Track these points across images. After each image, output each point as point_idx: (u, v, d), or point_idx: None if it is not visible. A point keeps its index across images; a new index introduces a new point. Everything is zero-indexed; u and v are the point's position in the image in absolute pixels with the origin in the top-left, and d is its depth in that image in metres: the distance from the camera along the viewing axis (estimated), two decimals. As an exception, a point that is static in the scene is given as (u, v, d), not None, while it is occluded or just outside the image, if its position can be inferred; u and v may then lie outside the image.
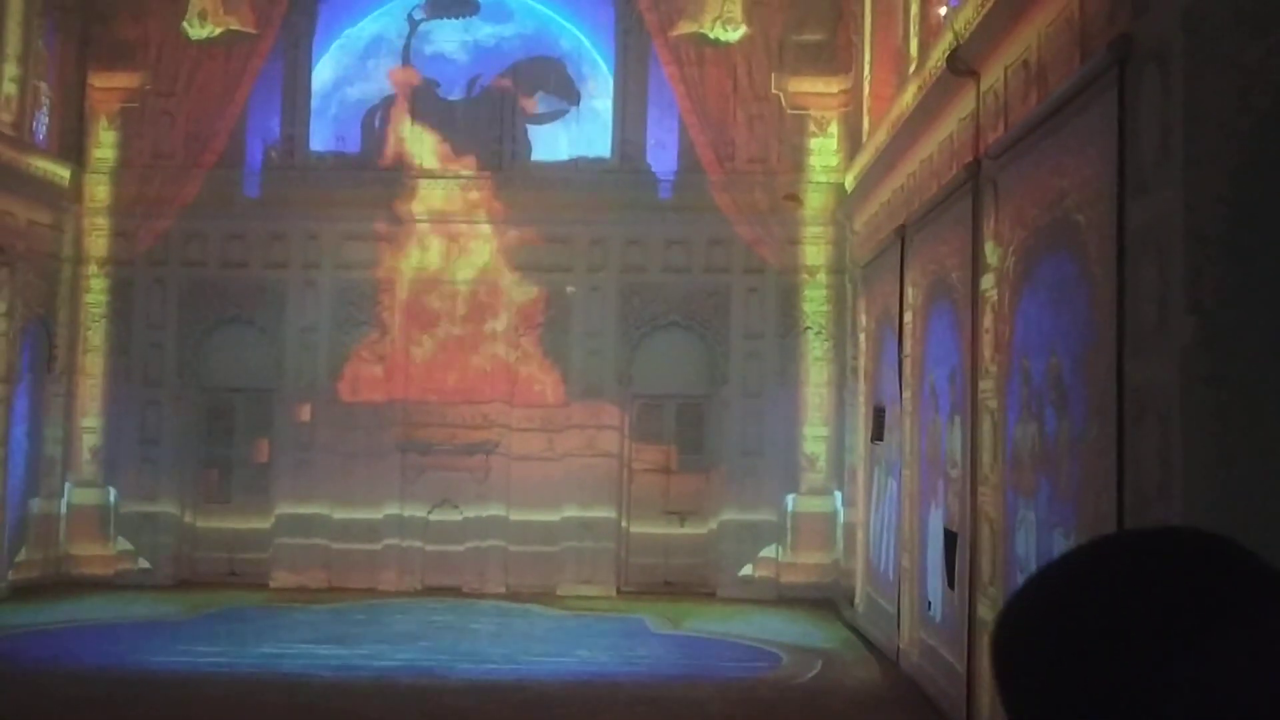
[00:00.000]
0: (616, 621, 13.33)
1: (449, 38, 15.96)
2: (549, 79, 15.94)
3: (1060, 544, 6.91)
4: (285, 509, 15.15)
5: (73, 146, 15.30)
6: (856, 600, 13.50)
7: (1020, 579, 7.64)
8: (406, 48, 15.98)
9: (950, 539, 9.29)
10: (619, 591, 14.93)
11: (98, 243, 15.41)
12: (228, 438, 15.59)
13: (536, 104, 15.92)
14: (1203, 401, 5.32)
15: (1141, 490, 5.67)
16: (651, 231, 15.32)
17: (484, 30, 15.93)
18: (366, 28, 16.00)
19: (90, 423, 15.26)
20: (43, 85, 14.89)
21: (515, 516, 15.13)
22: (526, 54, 15.90)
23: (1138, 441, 5.73)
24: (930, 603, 10.06)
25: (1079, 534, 6.62)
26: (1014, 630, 0.98)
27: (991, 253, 8.43)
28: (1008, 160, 8.10)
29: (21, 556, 14.40)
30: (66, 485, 15.16)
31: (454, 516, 15.23)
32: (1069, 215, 6.95)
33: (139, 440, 15.24)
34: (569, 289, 15.23)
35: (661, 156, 15.57)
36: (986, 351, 8.48)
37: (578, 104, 15.90)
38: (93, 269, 15.39)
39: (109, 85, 15.41)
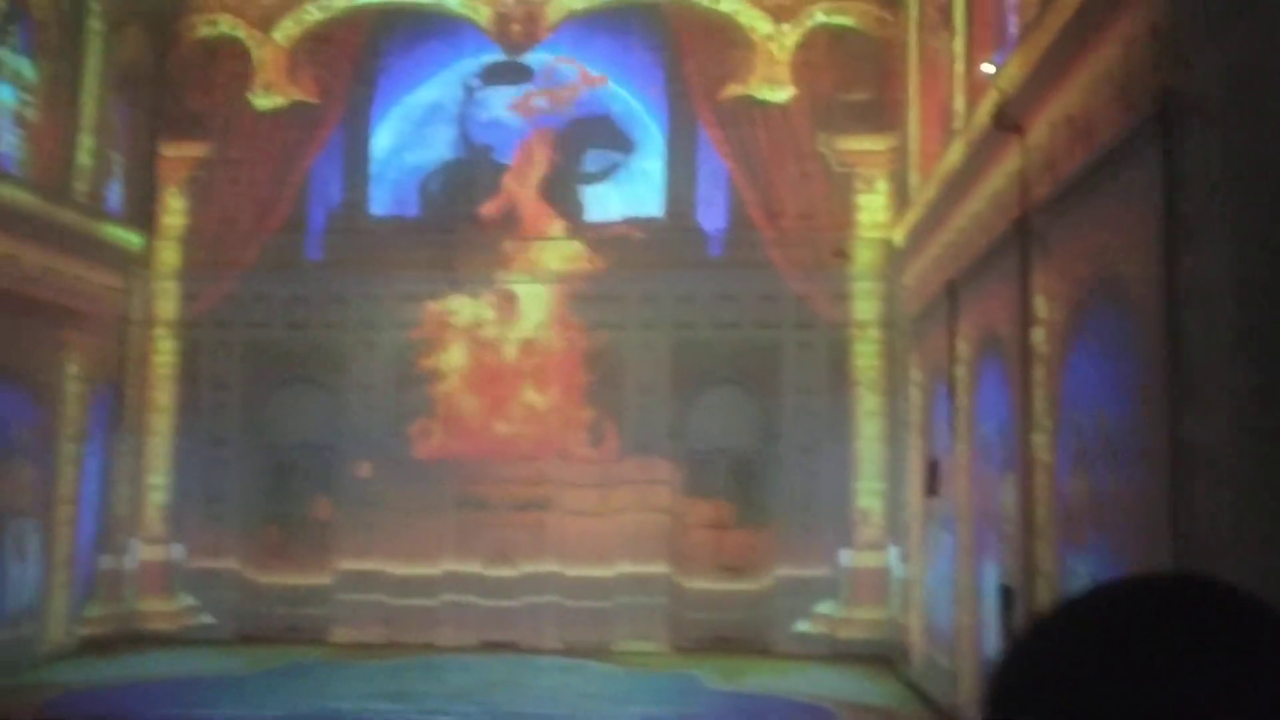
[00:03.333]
0: (671, 678, 13.30)
1: (503, 104, 16.40)
2: (599, 135, 16.29)
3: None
4: (345, 565, 15.38)
5: (143, 213, 15.88)
6: (914, 656, 13.36)
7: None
8: (463, 115, 16.44)
9: (1006, 594, 9.23)
10: (673, 647, 14.91)
11: (166, 306, 15.92)
12: (290, 495, 15.89)
13: (588, 162, 16.27)
14: (1256, 454, 5.30)
15: (1196, 544, 5.65)
16: (702, 288, 15.50)
17: (537, 97, 16.36)
18: (424, 95, 16.50)
19: (157, 480, 15.66)
20: (116, 155, 15.52)
21: (570, 572, 15.21)
22: (578, 114, 16.28)
23: (1191, 495, 5.72)
24: (988, 659, 9.96)
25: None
26: (1012, 679, 0.94)
27: (1041, 307, 8.48)
28: (1055, 215, 8.17)
29: (90, 612, 14.74)
30: (134, 542, 15.52)
31: (510, 572, 15.35)
32: (1116, 269, 7.00)
33: (204, 497, 15.59)
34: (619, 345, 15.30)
35: (711, 214, 15.80)
36: (1038, 405, 8.49)
37: (630, 152, 16.18)
38: (161, 331, 15.88)
39: (178, 154, 16.01)
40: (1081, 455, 7.53)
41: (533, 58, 16.02)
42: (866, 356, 15.19)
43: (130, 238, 15.55)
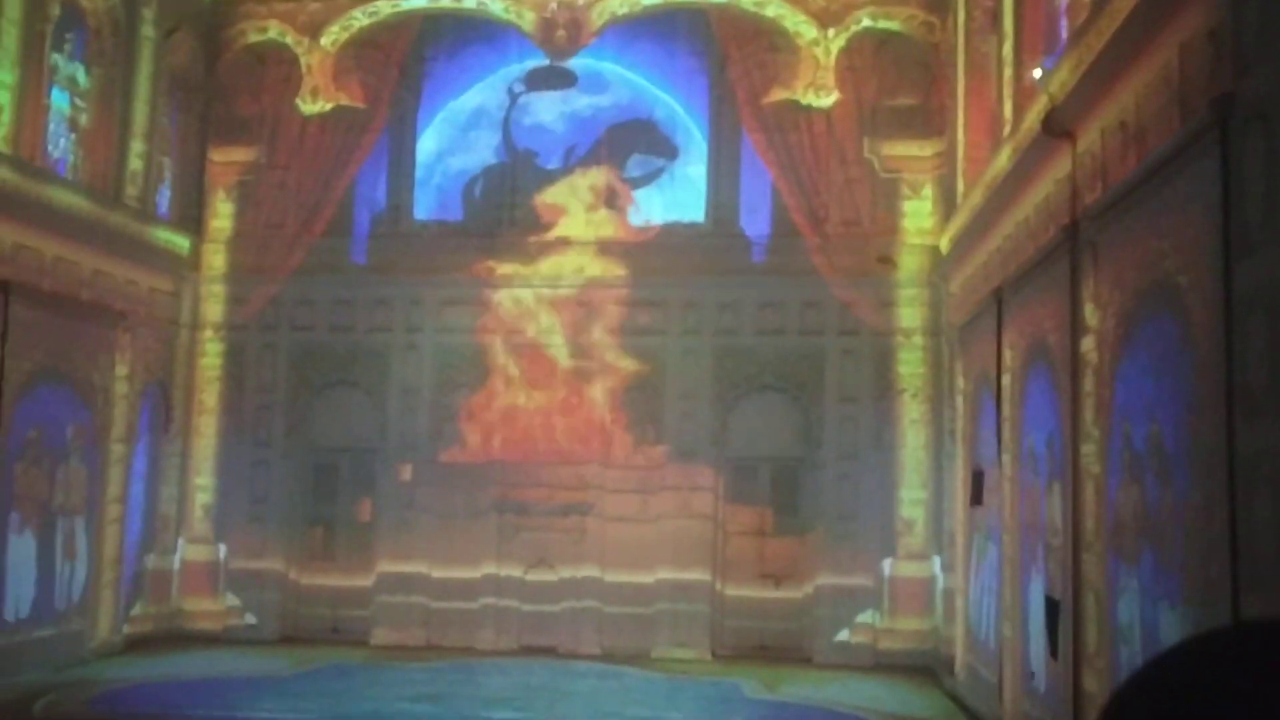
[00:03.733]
0: (711, 686, 13.23)
1: (547, 109, 16.45)
2: (642, 140, 16.29)
3: (1165, 614, 6.72)
4: (386, 567, 15.46)
5: (192, 217, 16.10)
6: (957, 668, 13.18)
7: (1123, 650, 7.44)
8: (507, 119, 16.51)
9: (1052, 607, 9.07)
10: (713, 655, 14.83)
11: (213, 308, 16.11)
12: (332, 497, 16.02)
13: (631, 167, 16.27)
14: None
15: (1257, 560, 5.51)
16: (745, 295, 15.43)
17: (581, 101, 16.39)
18: (468, 100, 16.59)
19: (203, 481, 15.85)
20: (166, 160, 15.75)
21: (610, 578, 15.18)
22: (622, 118, 16.28)
23: (1249, 509, 5.58)
24: (1033, 673, 9.80)
25: (1185, 604, 6.44)
26: (1124, 713, 0.95)
27: (1091, 315, 8.33)
28: (1106, 222, 8.03)
29: (136, 610, 14.95)
30: (180, 542, 15.71)
31: (550, 577, 15.36)
32: (1170, 277, 6.85)
33: (248, 499, 15.76)
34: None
35: (755, 220, 15.73)
36: (1087, 415, 8.34)
37: (674, 158, 16.17)
38: (208, 333, 16.08)
39: (227, 159, 16.22)
40: (1132, 467, 7.38)
41: (577, 63, 16.05)
42: (911, 364, 15.04)
43: (179, 241, 15.77)
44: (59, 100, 13.86)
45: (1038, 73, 10.30)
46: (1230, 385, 5.78)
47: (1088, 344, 8.38)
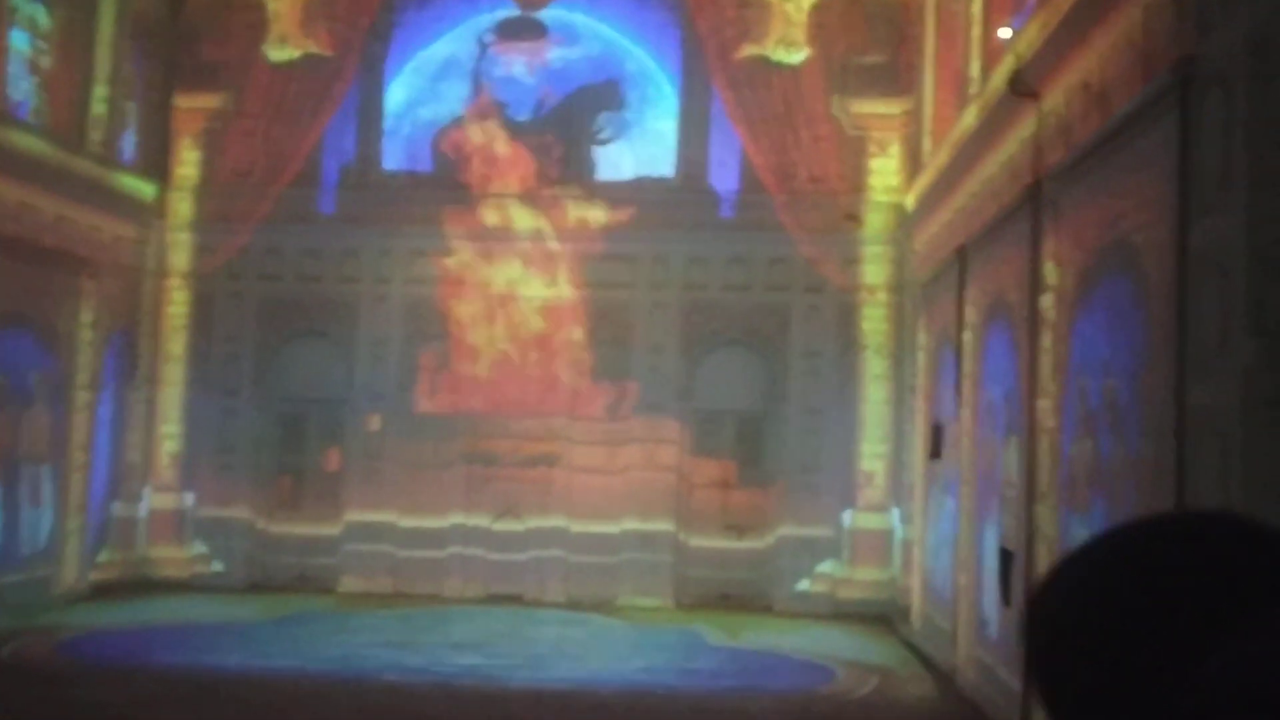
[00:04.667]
0: (674, 633, 13.50)
1: (517, 60, 16.37)
2: (612, 99, 16.27)
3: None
4: (354, 516, 15.57)
5: (157, 164, 15.92)
6: (913, 617, 13.54)
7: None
8: (476, 70, 16.41)
9: (1006, 557, 9.36)
10: (676, 603, 15.11)
11: (179, 257, 16.00)
12: (300, 446, 16.05)
13: (599, 124, 16.26)
14: (1264, 423, 5.36)
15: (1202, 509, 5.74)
16: (713, 250, 15.55)
17: (552, 53, 16.32)
18: (438, 50, 16.46)
19: (170, 430, 15.82)
20: (130, 105, 15.53)
21: (576, 528, 15.39)
22: (592, 76, 16.24)
23: (1198, 463, 5.79)
24: (987, 620, 10.12)
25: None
26: (1052, 603, 0.96)
27: (1051, 273, 8.53)
28: (1068, 181, 8.20)
29: (103, 557, 14.97)
30: (146, 490, 15.71)
31: (516, 527, 15.54)
32: (1128, 237, 7.04)
33: (216, 448, 15.76)
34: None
35: (723, 176, 15.80)
36: (1045, 371, 8.57)
37: (621, 110, 16.08)
38: (174, 282, 15.97)
39: (193, 106, 16.02)
40: (1087, 421, 7.62)
41: (548, 14, 15.95)
42: (874, 320, 15.26)
43: (144, 188, 15.61)
44: (19, 41, 13.62)
45: (1005, 32, 10.42)
46: (1182, 342, 5.98)
47: (1046, 301, 8.59)
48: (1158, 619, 0.90)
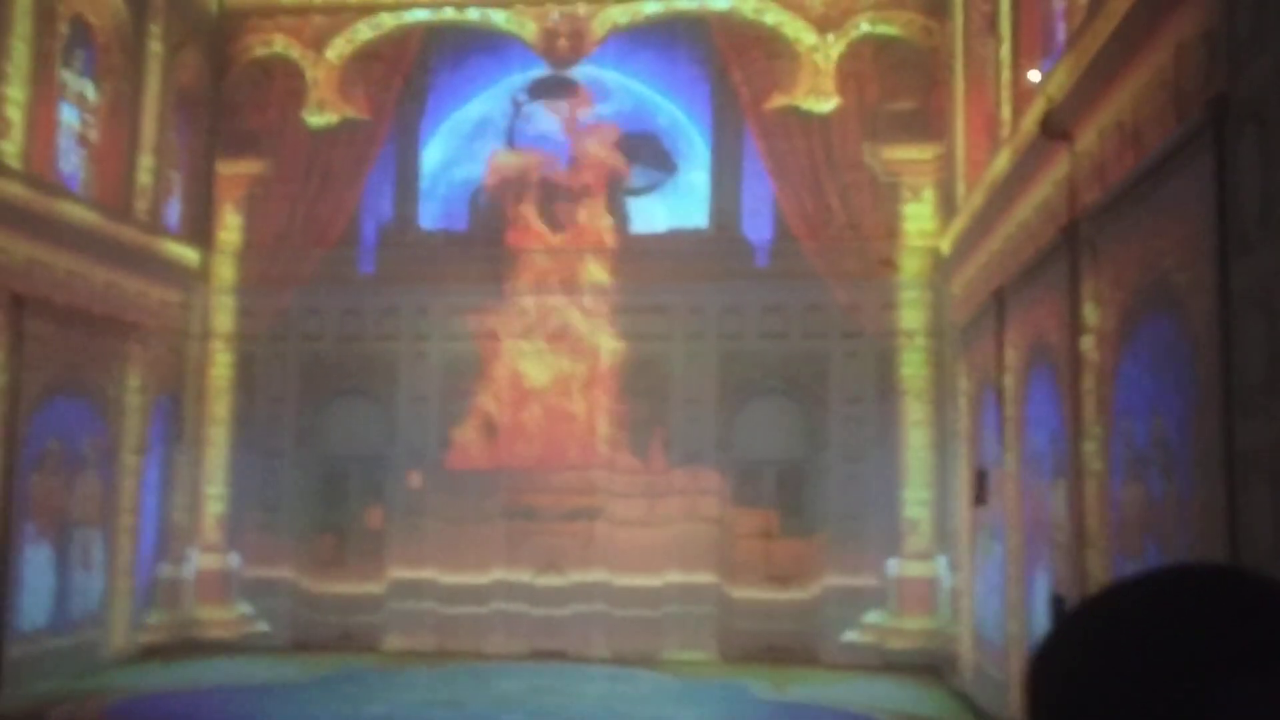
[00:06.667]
0: (720, 687, 13.34)
1: (550, 118, 16.61)
2: (645, 152, 16.44)
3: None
4: (397, 573, 15.59)
5: (201, 230, 16.26)
6: (963, 666, 13.30)
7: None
8: (510, 128, 16.67)
9: (1057, 603, 9.19)
10: (722, 656, 14.95)
11: (223, 320, 16.27)
12: (343, 504, 16.14)
13: (634, 177, 16.43)
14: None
15: (1256, 552, 5.63)
16: (748, 299, 15.57)
17: (583, 110, 16.55)
18: (472, 110, 16.75)
19: (215, 490, 15.98)
20: (174, 174, 15.91)
21: (618, 581, 15.31)
22: (624, 130, 16.44)
23: (1249, 504, 5.70)
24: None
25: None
26: (1052, 663, 0.95)
27: (1091, 314, 8.46)
28: (1105, 222, 8.16)
29: (150, 619, 15.08)
30: (193, 551, 15.85)
31: (559, 581, 15.48)
32: (1169, 276, 6.98)
33: (260, 507, 15.89)
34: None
35: (757, 225, 15.87)
36: (1088, 413, 8.47)
37: (674, 173, 16.35)
38: (218, 344, 16.22)
39: (235, 172, 16.38)
40: (1134, 463, 7.51)
41: (579, 71, 16.21)
42: (914, 365, 15.17)
43: (188, 254, 15.92)
44: (69, 116, 14.03)
45: (1035, 75, 10.45)
46: (1228, 381, 5.91)
47: (1088, 343, 8.51)
48: (1159, 680, 0.88)
